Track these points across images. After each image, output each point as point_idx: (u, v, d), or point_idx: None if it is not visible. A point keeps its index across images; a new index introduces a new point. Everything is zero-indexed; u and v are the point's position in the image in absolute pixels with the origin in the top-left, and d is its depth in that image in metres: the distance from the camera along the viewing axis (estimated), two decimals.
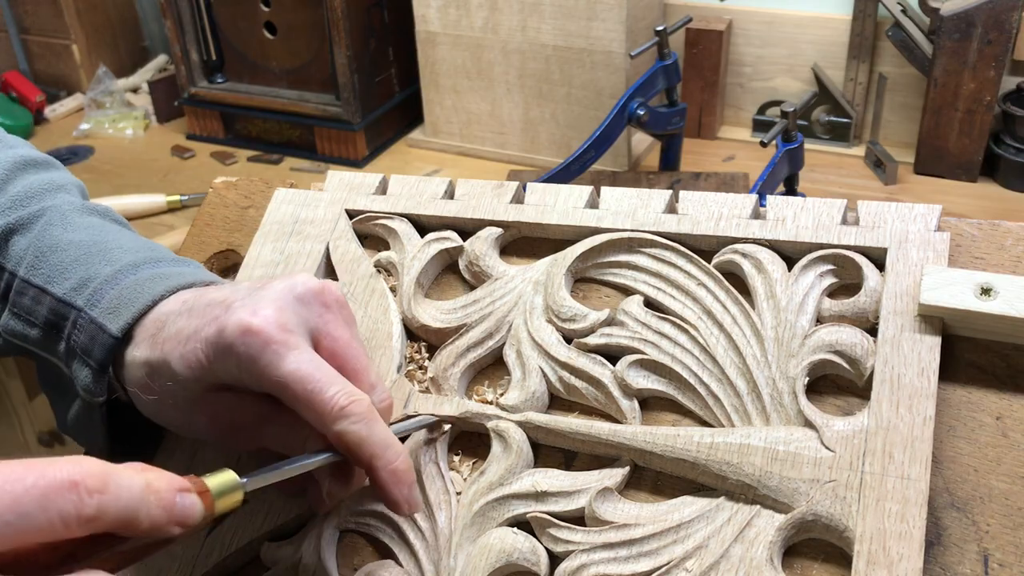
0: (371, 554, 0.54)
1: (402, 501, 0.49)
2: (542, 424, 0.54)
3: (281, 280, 0.52)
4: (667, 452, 0.51)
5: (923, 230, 0.54)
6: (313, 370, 0.48)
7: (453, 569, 0.51)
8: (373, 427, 0.48)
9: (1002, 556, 0.46)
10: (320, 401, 0.47)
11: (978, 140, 1.41)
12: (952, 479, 0.48)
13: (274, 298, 0.50)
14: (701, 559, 0.47)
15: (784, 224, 0.57)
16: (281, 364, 0.47)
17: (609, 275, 0.60)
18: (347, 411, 0.47)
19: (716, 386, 0.53)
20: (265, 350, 0.48)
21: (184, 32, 1.64)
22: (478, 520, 0.52)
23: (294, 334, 0.49)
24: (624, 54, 1.43)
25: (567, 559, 0.50)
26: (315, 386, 0.47)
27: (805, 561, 0.48)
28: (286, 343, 0.48)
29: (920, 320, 0.51)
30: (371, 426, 0.48)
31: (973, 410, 0.50)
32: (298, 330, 0.49)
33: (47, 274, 0.57)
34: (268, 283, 0.52)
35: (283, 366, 0.47)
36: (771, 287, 0.54)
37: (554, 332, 0.57)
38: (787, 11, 1.56)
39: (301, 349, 0.48)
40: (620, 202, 0.62)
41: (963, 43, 1.34)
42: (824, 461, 0.48)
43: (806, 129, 1.54)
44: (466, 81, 1.56)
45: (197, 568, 0.54)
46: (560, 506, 0.51)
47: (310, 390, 0.47)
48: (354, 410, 0.47)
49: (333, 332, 0.51)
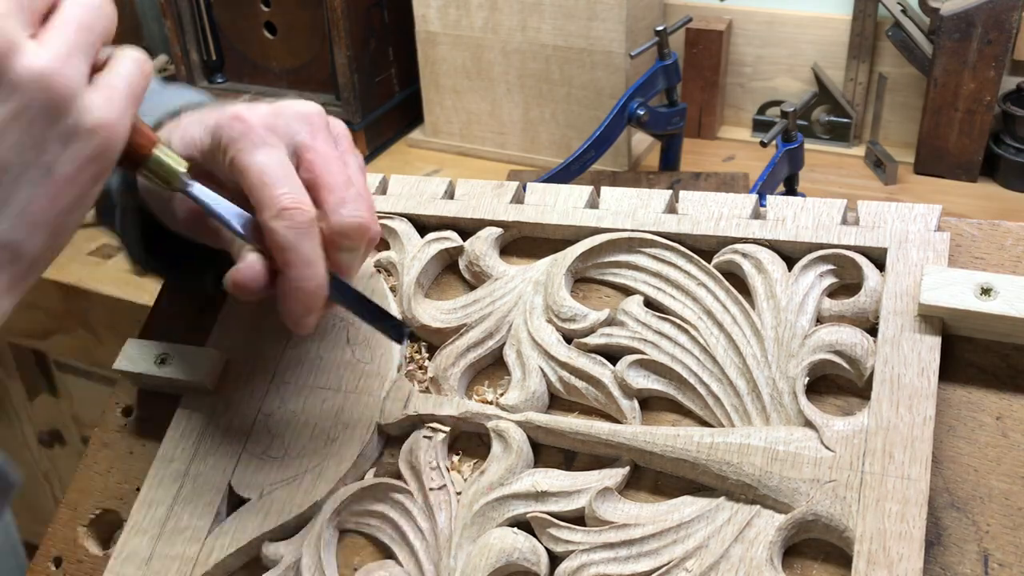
0: (371, 554, 0.54)
1: (294, 319, 0.50)
2: (542, 424, 0.54)
3: (294, 100, 0.54)
4: (667, 452, 0.51)
5: (923, 230, 0.54)
6: (275, 167, 0.49)
7: (453, 569, 0.51)
8: (303, 239, 0.49)
9: (1002, 556, 0.46)
10: (267, 195, 0.49)
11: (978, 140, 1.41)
12: (952, 479, 0.48)
13: (273, 107, 0.52)
14: (701, 559, 0.47)
15: (784, 224, 0.57)
16: (251, 153, 0.50)
17: (609, 275, 0.60)
18: (286, 213, 0.48)
19: (716, 386, 0.53)
20: (243, 137, 0.50)
21: (184, 32, 1.64)
22: (478, 520, 0.52)
23: (275, 135, 0.51)
24: (624, 54, 1.43)
25: (567, 559, 0.50)
26: (269, 180, 0.49)
27: (805, 561, 0.48)
28: (263, 139, 0.50)
29: (920, 320, 0.51)
30: (301, 237, 0.48)
31: (973, 410, 0.50)
32: (282, 136, 0.51)
33: None
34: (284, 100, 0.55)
35: (251, 156, 0.49)
36: (771, 287, 0.54)
37: (554, 332, 0.57)
38: (787, 11, 1.56)
39: (275, 148, 0.50)
40: (620, 202, 0.62)
41: (963, 43, 1.34)
42: (824, 461, 0.48)
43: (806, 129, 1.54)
44: (466, 81, 1.56)
45: (197, 568, 0.54)
46: (560, 506, 0.51)
47: (263, 182, 0.49)
48: (293, 216, 0.48)
49: (318, 147, 0.52)
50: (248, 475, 0.57)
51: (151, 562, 0.55)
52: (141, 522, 0.57)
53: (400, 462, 0.55)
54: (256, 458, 0.58)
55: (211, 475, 0.57)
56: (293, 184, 0.50)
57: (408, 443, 0.56)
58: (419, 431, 0.56)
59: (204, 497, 0.57)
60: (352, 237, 0.51)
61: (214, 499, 0.56)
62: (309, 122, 0.53)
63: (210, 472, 0.57)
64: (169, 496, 0.57)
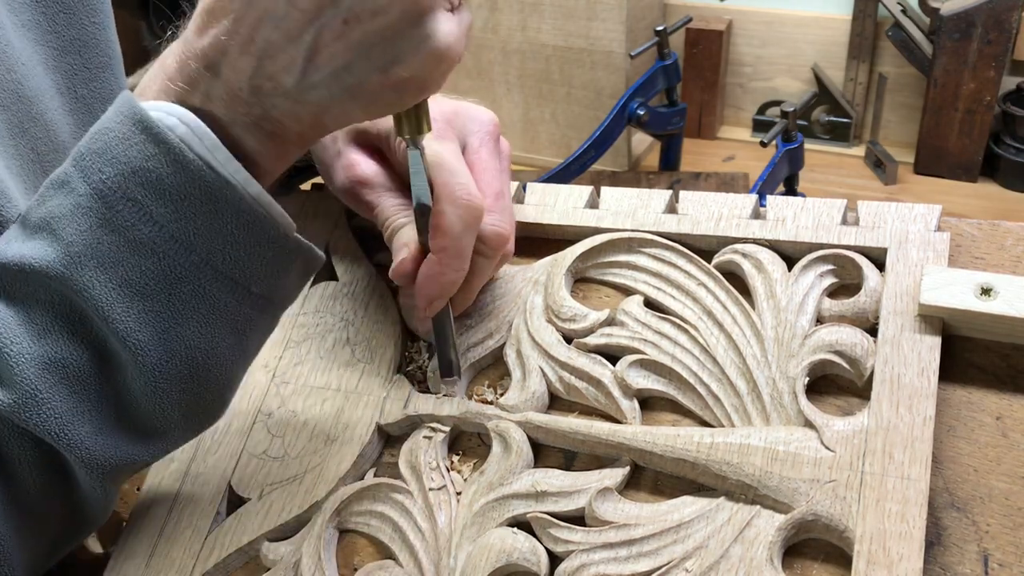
0: (371, 554, 0.54)
1: (428, 301, 0.54)
2: (542, 424, 0.54)
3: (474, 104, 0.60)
4: (667, 452, 0.51)
5: (923, 230, 0.54)
6: (454, 159, 0.54)
7: (453, 569, 0.51)
8: (466, 233, 0.53)
9: (1002, 556, 0.46)
10: (448, 182, 0.53)
11: (978, 140, 1.41)
12: (952, 479, 0.48)
13: (455, 105, 0.58)
14: (701, 559, 0.47)
15: (784, 224, 0.57)
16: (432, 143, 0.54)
17: (609, 275, 0.60)
18: (461, 203, 0.52)
19: (716, 386, 0.53)
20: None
21: None
22: (478, 520, 0.52)
23: (451, 131, 0.57)
24: (624, 54, 1.43)
25: (567, 559, 0.50)
26: (450, 169, 0.53)
27: (805, 561, 0.48)
28: (442, 132, 0.55)
29: (920, 320, 0.51)
30: (465, 230, 0.53)
31: (973, 410, 0.50)
32: (457, 133, 0.57)
33: None
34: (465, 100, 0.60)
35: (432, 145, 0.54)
36: (771, 287, 0.54)
37: (554, 332, 0.57)
38: (787, 11, 1.56)
39: (451, 143, 0.56)
40: (620, 202, 0.62)
41: (963, 43, 1.35)
42: (824, 461, 0.48)
43: (806, 129, 1.54)
44: (466, 81, 1.56)
45: (197, 568, 0.54)
46: (560, 506, 0.51)
47: (447, 170, 0.53)
48: (467, 207, 0.53)
49: (483, 154, 0.57)
50: (248, 475, 0.57)
51: (151, 562, 0.55)
52: (141, 522, 0.57)
53: (400, 462, 0.55)
54: (256, 458, 0.58)
55: (211, 475, 0.57)
56: (469, 178, 0.54)
57: (408, 443, 0.56)
58: (419, 431, 0.56)
59: (204, 497, 0.57)
60: (491, 245, 0.55)
61: (214, 499, 0.56)
62: (483, 129, 0.58)
63: (210, 472, 0.57)
64: (169, 496, 0.57)
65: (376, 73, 0.45)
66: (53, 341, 0.45)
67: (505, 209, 0.56)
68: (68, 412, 0.45)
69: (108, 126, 0.45)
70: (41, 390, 0.45)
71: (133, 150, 0.44)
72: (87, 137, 0.46)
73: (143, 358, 0.46)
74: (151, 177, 0.44)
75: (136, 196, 0.44)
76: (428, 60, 0.45)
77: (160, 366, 0.46)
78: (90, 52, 0.64)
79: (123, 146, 0.44)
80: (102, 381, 0.47)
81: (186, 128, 0.45)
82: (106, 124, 0.46)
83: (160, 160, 0.44)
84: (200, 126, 0.45)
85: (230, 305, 0.47)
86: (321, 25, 0.43)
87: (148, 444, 0.49)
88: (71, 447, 0.46)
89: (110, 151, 0.45)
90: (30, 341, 0.45)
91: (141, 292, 0.45)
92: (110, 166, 0.45)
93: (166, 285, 0.45)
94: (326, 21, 0.43)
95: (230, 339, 0.48)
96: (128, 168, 0.44)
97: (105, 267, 0.45)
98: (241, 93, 0.45)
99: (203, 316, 0.47)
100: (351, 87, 0.45)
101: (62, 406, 0.45)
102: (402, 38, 0.44)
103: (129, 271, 0.45)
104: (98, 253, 0.44)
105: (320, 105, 0.46)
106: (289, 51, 0.44)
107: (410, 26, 0.44)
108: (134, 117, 0.45)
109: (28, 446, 0.46)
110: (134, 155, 0.44)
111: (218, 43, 0.44)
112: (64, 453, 0.46)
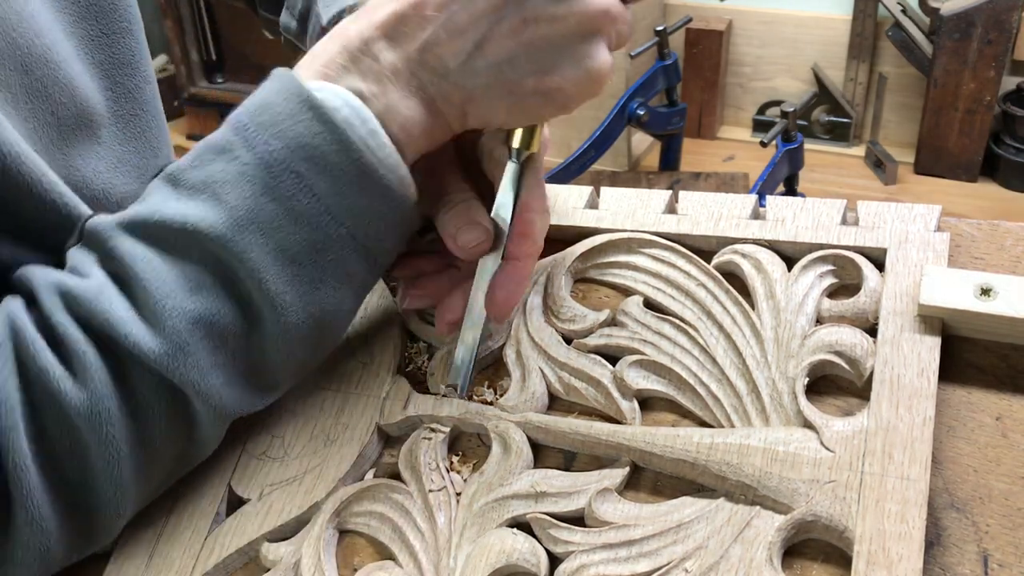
0: (371, 554, 0.54)
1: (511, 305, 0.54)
2: (542, 425, 0.54)
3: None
4: (667, 452, 0.51)
5: (923, 230, 0.54)
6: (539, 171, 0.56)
7: (453, 570, 0.51)
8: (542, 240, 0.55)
9: (1002, 556, 0.46)
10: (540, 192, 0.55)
11: (978, 140, 1.41)
12: (952, 479, 0.48)
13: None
14: (701, 559, 0.47)
15: (784, 224, 0.57)
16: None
17: (609, 275, 0.60)
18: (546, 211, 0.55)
19: (716, 386, 0.53)
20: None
21: (184, 32, 1.64)
22: (478, 521, 0.52)
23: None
24: (624, 54, 1.43)
25: (567, 559, 0.50)
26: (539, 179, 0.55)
27: (805, 561, 0.48)
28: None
29: (920, 320, 0.51)
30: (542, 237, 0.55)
31: (973, 410, 0.50)
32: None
33: None
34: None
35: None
36: (771, 287, 0.54)
37: (554, 332, 0.57)
38: (787, 11, 1.56)
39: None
40: (620, 202, 0.62)
41: (963, 43, 1.35)
42: (824, 461, 0.48)
43: (806, 129, 1.54)
44: None
45: (197, 568, 0.54)
46: (560, 506, 0.51)
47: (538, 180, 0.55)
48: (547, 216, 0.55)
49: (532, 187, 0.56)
50: (248, 475, 0.57)
51: (151, 562, 0.55)
52: (141, 522, 0.57)
53: (400, 463, 0.55)
54: (256, 458, 0.58)
55: (211, 475, 0.57)
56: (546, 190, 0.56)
57: (408, 444, 0.56)
58: (419, 431, 0.56)
59: (204, 497, 0.57)
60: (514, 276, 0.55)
61: (214, 500, 0.56)
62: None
63: (210, 472, 0.57)
64: (169, 496, 0.57)
65: (533, 76, 0.48)
66: (204, 297, 0.49)
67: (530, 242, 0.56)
68: (209, 365, 0.49)
69: (272, 100, 0.49)
70: (190, 343, 0.48)
71: (300, 126, 0.48)
72: (248, 109, 0.50)
73: (286, 318, 0.50)
74: (315, 153, 0.48)
75: (300, 169, 0.48)
76: (582, 77, 0.49)
77: (298, 326, 0.50)
78: (107, 18, 0.66)
79: (290, 122, 0.48)
80: (242, 338, 0.50)
81: (350, 110, 0.48)
82: (270, 98, 0.49)
83: (325, 138, 0.48)
84: (362, 110, 0.49)
85: (361, 273, 0.52)
86: (501, 17, 0.47)
87: (264, 395, 0.54)
88: (205, 397, 0.50)
89: (277, 125, 0.48)
90: (184, 296, 0.48)
91: (292, 258, 0.49)
92: (277, 139, 0.48)
93: (314, 253, 0.50)
94: (507, 15, 0.47)
95: (353, 302, 0.54)
96: (295, 143, 0.48)
97: (264, 232, 0.48)
98: (408, 66, 0.49)
99: (338, 281, 0.51)
100: (506, 83, 0.49)
101: (205, 360, 0.49)
102: (567, 49, 0.48)
103: (285, 238, 0.49)
104: (259, 219, 0.48)
105: (471, 92, 0.49)
106: (465, 35, 0.48)
107: (579, 40, 0.48)
108: (301, 96, 0.48)
109: (164, 394, 0.49)
110: (301, 131, 0.48)
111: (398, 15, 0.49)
112: (195, 402, 0.50)
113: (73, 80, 0.62)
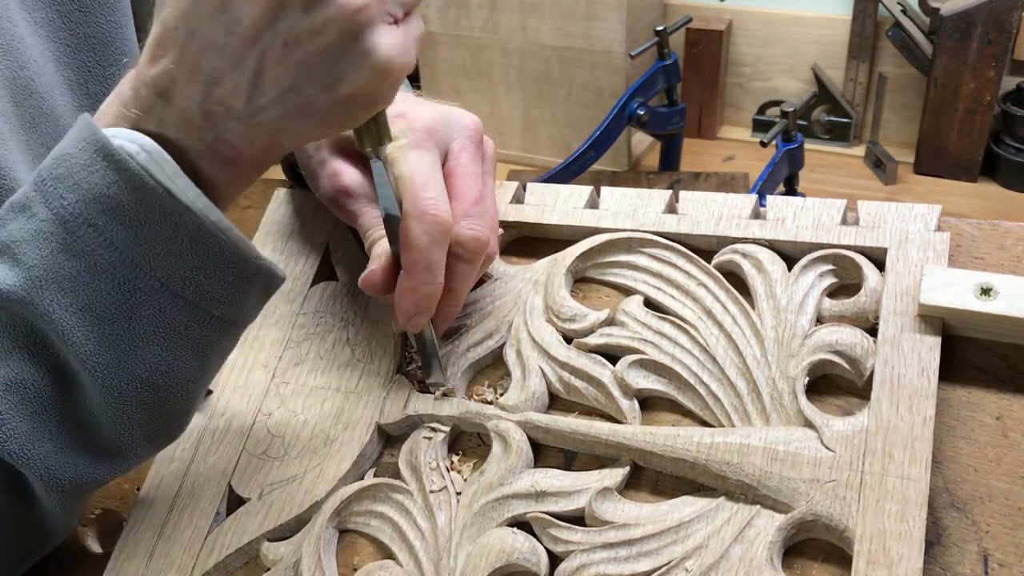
0: (371, 554, 0.54)
1: (405, 317, 0.54)
2: (542, 424, 0.54)
3: (458, 109, 0.59)
4: (667, 452, 0.51)
5: (923, 230, 0.54)
6: (426, 169, 0.54)
7: (453, 569, 0.51)
8: (434, 247, 0.52)
9: (1002, 556, 0.46)
10: (414, 195, 0.52)
11: (978, 140, 1.42)
12: (952, 479, 0.48)
13: (437, 111, 0.57)
14: (701, 559, 0.47)
15: (784, 224, 0.57)
16: (406, 152, 0.54)
17: (609, 275, 0.60)
18: (427, 217, 0.52)
19: (716, 386, 0.53)
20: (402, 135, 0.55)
21: None
22: (478, 520, 0.52)
23: (431, 140, 0.56)
24: (624, 54, 1.43)
25: (567, 559, 0.50)
26: (419, 181, 0.53)
27: (805, 561, 0.48)
28: (420, 141, 0.55)
29: (920, 320, 0.51)
30: (432, 244, 0.52)
31: (973, 410, 0.50)
32: (438, 141, 0.56)
33: None
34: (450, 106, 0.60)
35: (406, 154, 0.54)
36: (771, 287, 0.54)
37: (554, 332, 0.57)
38: (787, 11, 1.56)
39: (429, 152, 0.55)
40: (620, 202, 0.62)
41: (963, 43, 1.35)
42: (824, 461, 0.48)
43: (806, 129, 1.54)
44: (466, 81, 1.57)
45: (197, 568, 0.54)
46: (560, 506, 0.51)
47: (413, 182, 0.53)
48: (432, 222, 0.52)
49: (463, 159, 0.57)
50: (248, 475, 0.57)
51: (151, 562, 0.55)
52: (141, 522, 0.57)
53: (400, 462, 0.55)
54: (256, 458, 0.58)
55: (211, 475, 0.57)
56: (439, 191, 0.53)
57: (408, 443, 0.56)
58: (419, 431, 0.56)
59: (204, 497, 0.57)
60: (469, 249, 0.55)
61: (214, 499, 0.56)
62: (465, 133, 0.58)
63: (210, 472, 0.57)
64: (169, 496, 0.57)
65: (322, 92, 0.45)
66: (14, 363, 0.46)
67: (485, 213, 0.55)
68: (29, 432, 0.46)
69: (69, 151, 0.46)
70: (2, 412, 0.46)
71: (95, 176, 0.45)
72: (48, 162, 0.46)
73: (104, 380, 0.47)
74: (112, 203, 0.45)
75: (96, 222, 0.45)
76: (371, 75, 0.45)
77: (121, 388, 0.47)
78: (105, 49, 0.65)
79: (84, 172, 0.45)
80: (63, 402, 0.47)
81: (147, 155, 0.45)
82: (67, 149, 0.46)
83: (121, 187, 0.45)
84: (161, 153, 0.45)
85: (191, 328, 0.48)
86: (262, 49, 0.44)
87: (110, 463, 0.50)
88: (32, 466, 0.47)
89: (72, 177, 0.45)
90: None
91: (101, 316, 0.46)
92: (71, 192, 0.45)
93: (126, 309, 0.46)
94: (266, 45, 0.44)
95: (191, 361, 0.49)
96: (89, 194, 0.45)
97: (66, 291, 0.45)
98: (194, 119, 0.46)
99: (164, 339, 0.47)
100: (300, 107, 0.46)
101: (23, 426, 0.46)
102: (343, 55, 0.45)
103: (90, 295, 0.46)
104: (59, 277, 0.45)
105: (272, 126, 0.46)
106: (234, 76, 0.44)
107: (349, 43, 0.44)
108: (96, 143, 0.45)
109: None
110: (96, 181, 0.45)
111: (167, 72, 0.45)
112: (25, 472, 0.47)
113: (56, 111, 0.61)
